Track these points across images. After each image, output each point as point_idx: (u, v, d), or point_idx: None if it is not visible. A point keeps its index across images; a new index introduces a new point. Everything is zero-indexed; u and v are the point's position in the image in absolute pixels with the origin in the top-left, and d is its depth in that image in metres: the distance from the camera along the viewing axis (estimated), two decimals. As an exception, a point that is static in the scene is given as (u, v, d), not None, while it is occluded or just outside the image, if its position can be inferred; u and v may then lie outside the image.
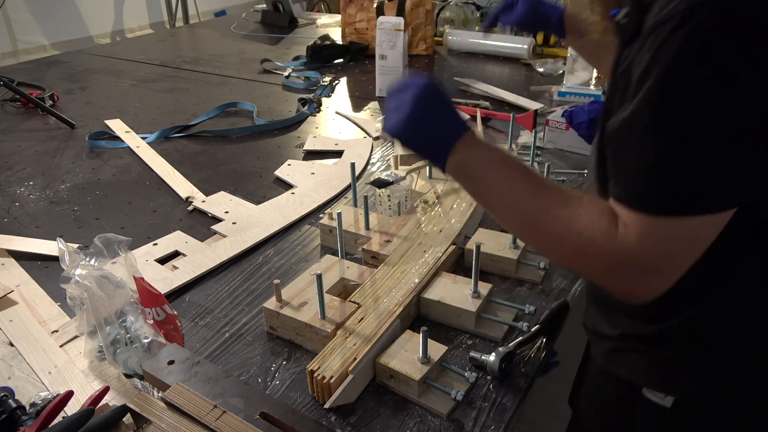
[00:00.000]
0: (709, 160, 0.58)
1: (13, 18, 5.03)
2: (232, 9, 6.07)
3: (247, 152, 1.79)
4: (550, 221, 0.68)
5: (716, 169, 0.58)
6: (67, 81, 2.48)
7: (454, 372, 0.91)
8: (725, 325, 0.72)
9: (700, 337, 0.73)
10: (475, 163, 0.72)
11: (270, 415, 0.79)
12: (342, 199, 1.48)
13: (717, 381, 0.75)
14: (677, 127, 0.58)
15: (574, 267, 0.72)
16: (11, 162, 1.74)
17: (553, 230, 0.68)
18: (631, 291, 0.66)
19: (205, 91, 2.33)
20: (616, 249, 0.63)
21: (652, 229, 0.61)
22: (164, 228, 1.37)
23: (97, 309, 0.92)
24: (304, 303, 1.02)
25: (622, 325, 0.81)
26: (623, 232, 0.63)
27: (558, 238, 0.68)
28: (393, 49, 2.11)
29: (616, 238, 0.63)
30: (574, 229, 0.65)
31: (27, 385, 0.94)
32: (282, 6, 3.31)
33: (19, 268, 1.24)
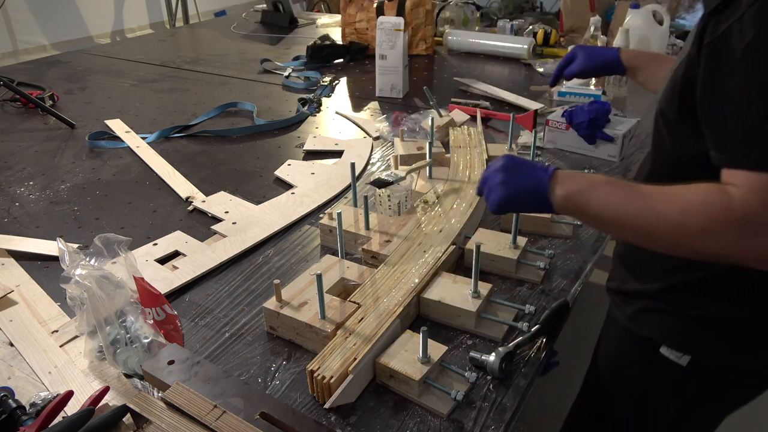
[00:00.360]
0: None
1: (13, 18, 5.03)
2: (232, 9, 6.08)
3: (247, 152, 1.79)
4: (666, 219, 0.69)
5: None
6: (67, 81, 2.48)
7: (454, 372, 0.91)
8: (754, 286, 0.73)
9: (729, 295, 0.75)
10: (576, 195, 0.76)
11: (270, 415, 0.79)
12: (342, 199, 1.48)
13: (736, 343, 0.77)
14: None
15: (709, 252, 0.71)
16: (11, 162, 1.74)
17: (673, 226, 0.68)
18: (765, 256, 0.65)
19: (205, 91, 2.34)
20: (740, 215, 0.63)
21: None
22: (164, 228, 1.37)
23: (97, 309, 0.92)
24: (304, 303, 1.02)
25: (657, 279, 0.83)
26: (741, 196, 0.63)
27: (681, 231, 0.68)
28: (393, 49, 2.11)
29: (736, 205, 0.63)
30: (692, 217, 0.66)
31: (27, 385, 0.94)
32: (282, 6, 3.31)
33: (19, 268, 1.24)
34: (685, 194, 0.68)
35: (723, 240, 0.66)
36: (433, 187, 1.37)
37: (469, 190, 1.34)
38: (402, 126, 1.80)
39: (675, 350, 0.82)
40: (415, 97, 2.20)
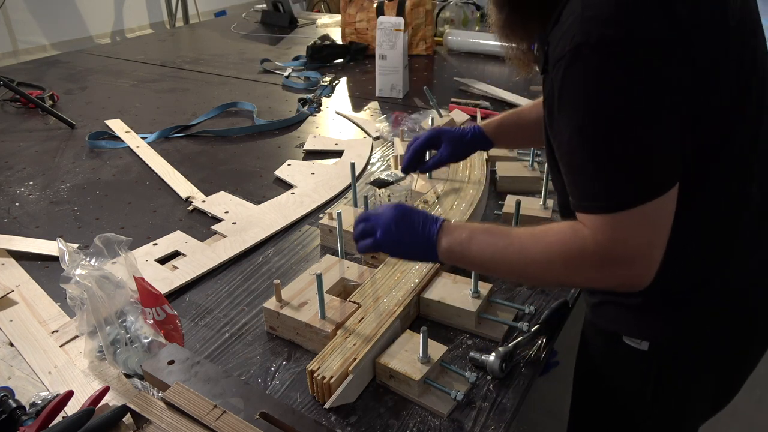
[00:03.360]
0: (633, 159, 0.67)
1: (13, 18, 5.03)
2: (232, 9, 6.08)
3: (247, 152, 1.79)
4: (533, 260, 0.76)
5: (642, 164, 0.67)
6: (67, 81, 2.48)
7: (454, 372, 0.91)
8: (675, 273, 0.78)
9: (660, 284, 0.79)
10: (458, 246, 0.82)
11: (270, 415, 0.79)
12: (342, 199, 1.48)
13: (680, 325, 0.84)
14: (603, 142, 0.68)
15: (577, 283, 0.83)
16: (11, 162, 1.74)
17: (539, 265, 0.76)
18: (626, 282, 0.72)
19: (205, 91, 2.34)
20: (593, 252, 0.70)
21: (611, 224, 0.69)
22: (164, 228, 1.37)
23: (97, 309, 0.92)
24: (304, 303, 1.02)
25: None
26: (592, 236, 0.70)
27: (548, 270, 0.75)
28: (393, 49, 2.11)
29: (589, 244, 0.70)
30: (555, 257, 0.73)
31: (27, 385, 0.94)
32: (282, 6, 3.31)
33: (19, 268, 1.24)
34: (546, 237, 0.75)
35: (584, 274, 0.73)
36: (433, 187, 1.37)
37: (469, 190, 1.34)
38: (402, 126, 1.80)
39: (633, 338, 0.87)
40: (415, 97, 2.20)
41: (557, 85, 0.70)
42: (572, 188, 0.74)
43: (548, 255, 0.74)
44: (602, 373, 0.98)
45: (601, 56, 0.64)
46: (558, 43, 0.68)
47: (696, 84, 0.67)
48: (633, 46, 0.63)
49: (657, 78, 0.64)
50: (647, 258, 0.70)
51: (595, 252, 0.70)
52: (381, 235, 0.85)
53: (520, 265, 0.78)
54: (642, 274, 0.71)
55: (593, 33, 0.64)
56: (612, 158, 0.68)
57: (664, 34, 0.63)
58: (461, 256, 0.83)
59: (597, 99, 0.66)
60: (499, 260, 0.79)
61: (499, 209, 1.33)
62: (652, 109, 0.65)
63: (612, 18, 0.63)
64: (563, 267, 0.73)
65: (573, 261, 0.72)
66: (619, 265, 0.70)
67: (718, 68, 0.69)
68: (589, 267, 0.72)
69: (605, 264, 0.70)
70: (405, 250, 0.88)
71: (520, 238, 0.77)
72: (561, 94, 0.69)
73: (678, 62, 0.64)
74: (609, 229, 0.69)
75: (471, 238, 0.80)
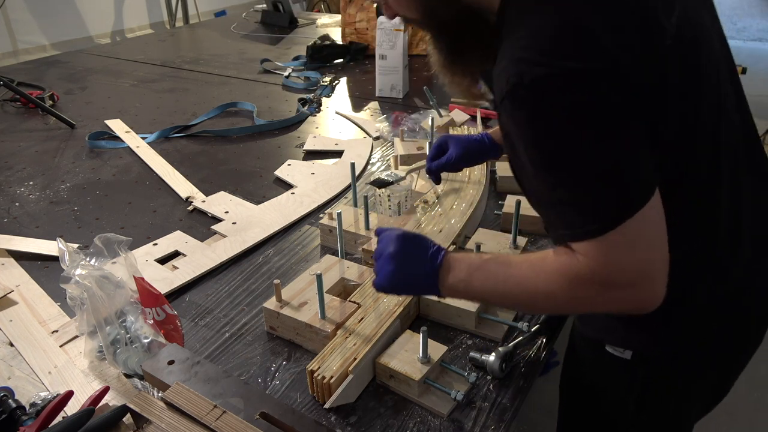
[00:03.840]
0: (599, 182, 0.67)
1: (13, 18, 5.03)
2: (232, 9, 6.08)
3: (247, 152, 1.79)
4: (536, 293, 0.75)
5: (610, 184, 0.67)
6: (67, 81, 2.48)
7: (454, 372, 0.91)
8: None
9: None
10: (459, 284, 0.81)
11: (270, 415, 0.79)
12: (342, 199, 1.48)
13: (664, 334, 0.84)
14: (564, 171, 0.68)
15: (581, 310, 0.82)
16: (11, 162, 1.74)
17: (543, 296, 0.75)
18: (635, 304, 0.71)
19: (205, 91, 2.34)
20: (590, 278, 0.69)
21: (601, 249, 0.68)
22: (164, 228, 1.37)
23: (97, 309, 0.92)
24: (304, 303, 1.02)
25: None
26: (585, 262, 0.69)
27: (551, 299, 0.74)
28: (393, 49, 2.11)
29: (584, 271, 0.69)
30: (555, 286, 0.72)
31: (27, 385, 0.94)
32: (282, 6, 3.31)
33: (19, 268, 1.24)
34: (546, 266, 0.74)
35: (586, 300, 0.72)
36: (433, 187, 1.37)
37: (469, 190, 1.34)
38: (402, 126, 1.80)
39: (617, 347, 0.88)
40: (415, 97, 2.20)
41: (506, 125, 0.72)
42: (550, 220, 0.74)
43: (550, 286, 0.73)
44: (588, 380, 0.99)
45: (537, 95, 0.65)
46: (497, 84, 0.70)
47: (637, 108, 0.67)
48: (565, 80, 0.64)
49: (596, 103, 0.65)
50: (649, 276, 0.69)
51: (593, 278, 0.69)
52: (383, 280, 0.85)
53: (522, 296, 0.77)
54: (648, 294, 0.69)
55: (526, 74, 0.65)
56: (579, 185, 0.68)
57: (592, 65, 0.64)
58: (464, 293, 0.83)
59: (547, 134, 0.67)
60: (501, 293, 0.79)
61: (499, 209, 1.33)
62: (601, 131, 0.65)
63: (541, 57, 0.65)
64: (566, 297, 0.72)
65: (574, 290, 0.71)
66: (621, 288, 0.69)
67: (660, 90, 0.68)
68: (592, 293, 0.71)
69: (606, 289, 0.70)
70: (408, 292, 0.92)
71: (520, 269, 0.76)
72: (514, 133, 0.71)
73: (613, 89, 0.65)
74: (600, 253, 0.68)
75: (471, 275, 0.80)
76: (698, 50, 0.73)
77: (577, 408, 1.06)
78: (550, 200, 0.72)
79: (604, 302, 0.72)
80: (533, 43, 0.66)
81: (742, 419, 1.90)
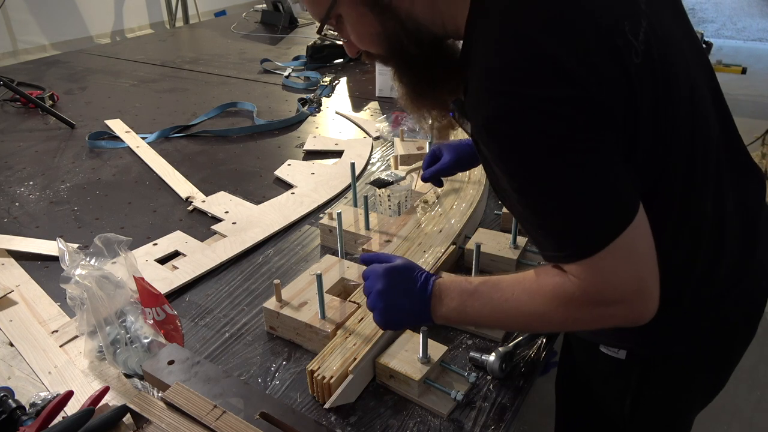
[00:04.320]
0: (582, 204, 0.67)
1: (13, 18, 5.03)
2: (232, 9, 6.07)
3: (247, 152, 1.79)
4: (531, 314, 0.75)
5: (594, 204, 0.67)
6: (67, 81, 2.48)
7: (454, 372, 0.91)
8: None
9: None
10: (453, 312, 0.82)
11: (270, 415, 0.79)
12: (342, 199, 1.48)
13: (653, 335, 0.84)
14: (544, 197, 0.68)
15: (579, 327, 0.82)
16: (11, 162, 1.74)
17: (539, 317, 0.75)
18: (629, 319, 0.71)
19: (205, 91, 2.34)
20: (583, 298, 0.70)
21: (591, 269, 0.68)
22: (164, 228, 1.37)
23: (97, 309, 0.92)
24: (304, 303, 1.02)
25: None
26: (576, 282, 0.70)
27: (546, 321, 0.75)
28: (393, 49, 2.11)
29: (576, 291, 0.70)
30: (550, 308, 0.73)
31: (27, 385, 0.94)
32: (282, 6, 3.31)
33: (19, 268, 1.24)
34: (538, 288, 0.74)
35: (581, 319, 0.73)
36: (433, 188, 1.37)
37: (469, 190, 1.34)
38: (402, 126, 1.80)
39: (611, 347, 0.89)
40: (415, 97, 2.20)
41: (484, 152, 0.72)
42: (538, 242, 0.74)
43: (543, 307, 0.73)
44: (583, 381, 0.99)
45: (510, 126, 0.66)
46: (472, 115, 0.70)
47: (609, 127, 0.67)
48: (537, 110, 0.64)
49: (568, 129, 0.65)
50: (640, 292, 0.69)
51: (586, 298, 0.70)
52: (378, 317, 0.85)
53: (518, 319, 0.78)
54: (641, 308, 0.70)
55: (498, 104, 0.66)
56: (565, 208, 0.68)
57: (562, 93, 0.64)
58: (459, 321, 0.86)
59: (525, 162, 0.68)
60: (497, 318, 0.80)
61: (499, 209, 1.33)
62: (578, 154, 0.66)
63: (511, 88, 0.65)
64: (561, 317, 0.73)
65: (568, 310, 0.72)
66: (613, 306, 0.70)
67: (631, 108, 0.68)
68: (585, 312, 0.71)
69: (599, 306, 0.70)
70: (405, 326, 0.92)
71: (513, 292, 0.77)
72: (493, 162, 0.71)
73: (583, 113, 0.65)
74: (590, 274, 0.68)
75: (464, 303, 0.80)
76: (669, 63, 0.73)
77: (574, 408, 1.06)
78: (536, 224, 0.72)
79: (598, 320, 0.72)
80: (502, 73, 0.66)
81: (742, 419, 1.91)
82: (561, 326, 0.80)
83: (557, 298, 0.72)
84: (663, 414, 0.93)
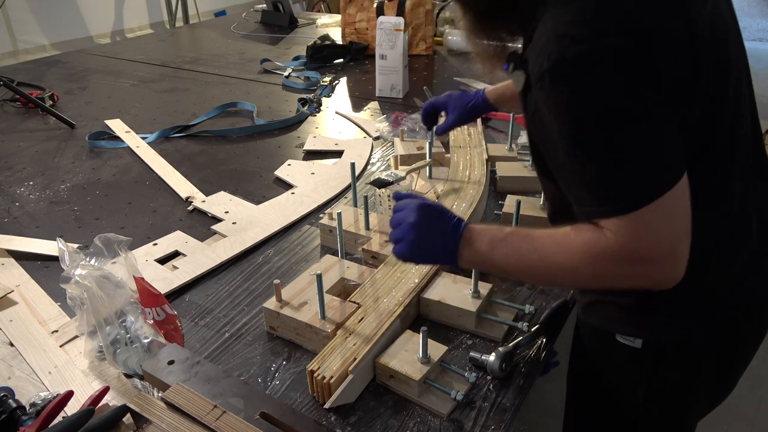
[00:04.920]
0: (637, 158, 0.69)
1: (13, 18, 5.03)
2: (232, 9, 6.07)
3: (247, 152, 1.79)
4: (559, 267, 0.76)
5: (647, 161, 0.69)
6: (67, 81, 2.48)
7: (454, 372, 0.91)
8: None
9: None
10: (480, 256, 0.83)
11: (270, 415, 0.79)
12: (342, 199, 1.48)
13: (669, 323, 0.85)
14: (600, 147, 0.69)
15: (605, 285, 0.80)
16: (11, 162, 1.74)
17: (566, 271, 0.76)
18: (655, 281, 0.72)
19: (205, 91, 2.33)
20: (617, 254, 0.71)
21: (631, 225, 0.69)
22: (164, 228, 1.37)
23: (97, 309, 0.92)
24: (304, 303, 1.02)
25: None
26: (613, 237, 0.70)
27: (575, 275, 0.76)
28: (393, 49, 2.11)
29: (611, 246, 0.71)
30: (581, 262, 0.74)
31: (27, 385, 0.94)
32: (282, 6, 3.31)
33: (19, 268, 1.24)
34: (569, 242, 0.75)
35: (611, 276, 0.74)
36: (433, 187, 1.37)
37: (469, 190, 1.34)
38: (402, 126, 1.80)
39: (627, 335, 0.89)
40: (415, 97, 2.20)
41: (544, 103, 0.72)
42: (581, 196, 0.74)
43: (574, 261, 0.74)
44: (596, 371, 0.99)
45: (578, 71, 0.67)
46: (536, 62, 0.71)
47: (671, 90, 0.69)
48: (608, 58, 0.66)
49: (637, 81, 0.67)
50: (673, 253, 0.70)
51: (620, 254, 0.70)
52: (404, 249, 0.86)
53: (544, 271, 0.78)
54: (670, 270, 0.71)
55: (569, 50, 0.67)
56: (616, 161, 0.69)
57: (635, 44, 0.66)
58: (484, 266, 0.85)
59: (586, 110, 0.68)
60: (523, 267, 0.80)
61: (499, 209, 1.33)
62: (640, 108, 0.68)
63: (584, 34, 0.67)
64: (590, 272, 0.74)
65: (599, 265, 0.72)
66: (645, 264, 0.71)
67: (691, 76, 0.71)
68: (617, 269, 0.72)
69: (631, 264, 0.71)
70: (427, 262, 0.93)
71: (543, 244, 0.77)
72: (550, 110, 0.72)
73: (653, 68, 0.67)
74: (630, 229, 0.69)
75: (493, 247, 0.81)
76: (727, 45, 0.76)
77: (586, 399, 1.06)
78: (581, 177, 0.72)
79: (626, 278, 0.73)
80: (577, 19, 0.68)
81: (742, 419, 1.90)
82: (587, 282, 0.79)
83: (589, 253, 0.72)
84: (674, 405, 0.94)
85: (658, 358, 0.89)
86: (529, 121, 0.82)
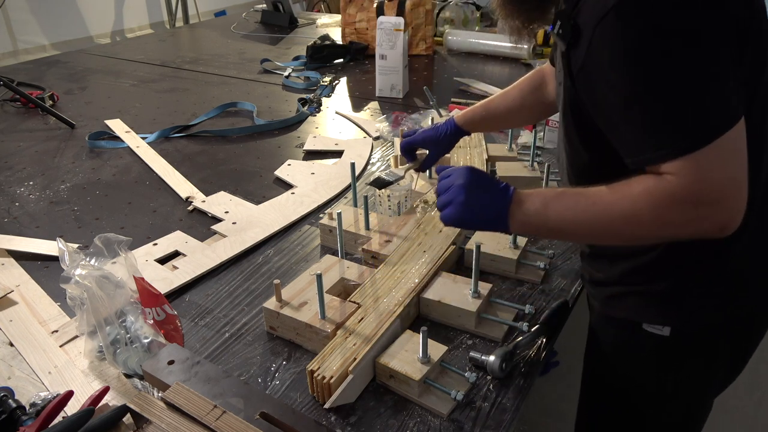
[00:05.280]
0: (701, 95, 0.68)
1: (13, 18, 5.02)
2: (232, 9, 6.07)
3: (247, 152, 1.79)
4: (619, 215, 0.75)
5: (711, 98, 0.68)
6: (67, 81, 2.48)
7: (454, 372, 0.91)
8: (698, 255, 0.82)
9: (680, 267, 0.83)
10: (533, 217, 0.82)
11: (270, 415, 0.79)
12: (342, 199, 1.48)
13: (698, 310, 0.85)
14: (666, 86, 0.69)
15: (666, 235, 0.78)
16: (11, 162, 1.74)
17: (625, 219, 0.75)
18: (715, 224, 0.72)
19: (205, 91, 2.34)
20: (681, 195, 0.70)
21: (694, 164, 0.69)
22: (164, 228, 1.37)
23: (97, 309, 0.92)
24: (304, 303, 1.02)
25: (617, 266, 0.91)
26: (676, 179, 0.70)
27: (637, 223, 0.75)
28: (393, 49, 2.11)
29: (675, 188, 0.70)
30: (643, 208, 0.73)
31: (27, 385, 0.94)
32: (282, 6, 3.31)
33: (19, 268, 1.24)
34: (630, 189, 0.74)
35: (674, 221, 0.72)
36: (433, 187, 1.37)
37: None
38: (402, 126, 1.80)
39: (655, 324, 0.89)
40: (415, 97, 2.20)
41: (605, 44, 0.71)
42: (639, 143, 0.73)
43: (635, 207, 0.73)
44: (614, 366, 0.99)
45: (648, 7, 0.67)
46: (595, 6, 0.71)
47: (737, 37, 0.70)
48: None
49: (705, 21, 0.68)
50: (734, 195, 0.70)
51: (684, 195, 0.70)
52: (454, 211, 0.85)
53: (603, 223, 0.77)
54: (734, 212, 0.71)
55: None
56: (681, 99, 0.69)
57: None
58: (537, 227, 0.83)
59: (652, 48, 0.68)
60: (581, 221, 0.79)
61: (499, 209, 1.32)
62: (706, 46, 0.68)
63: None
64: (652, 217, 0.73)
65: (661, 209, 0.72)
66: (708, 206, 0.70)
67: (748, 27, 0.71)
68: (680, 213, 0.71)
69: (695, 207, 0.70)
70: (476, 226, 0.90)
71: (600, 196, 0.76)
72: (611, 51, 0.71)
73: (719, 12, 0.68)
74: (693, 169, 0.69)
75: (546, 206, 0.80)
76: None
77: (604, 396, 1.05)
78: (641, 121, 0.71)
79: (690, 222, 0.72)
80: None
81: (742, 419, 1.90)
82: (647, 230, 0.76)
83: (651, 197, 0.72)
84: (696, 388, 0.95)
85: (684, 345, 0.89)
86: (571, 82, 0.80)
